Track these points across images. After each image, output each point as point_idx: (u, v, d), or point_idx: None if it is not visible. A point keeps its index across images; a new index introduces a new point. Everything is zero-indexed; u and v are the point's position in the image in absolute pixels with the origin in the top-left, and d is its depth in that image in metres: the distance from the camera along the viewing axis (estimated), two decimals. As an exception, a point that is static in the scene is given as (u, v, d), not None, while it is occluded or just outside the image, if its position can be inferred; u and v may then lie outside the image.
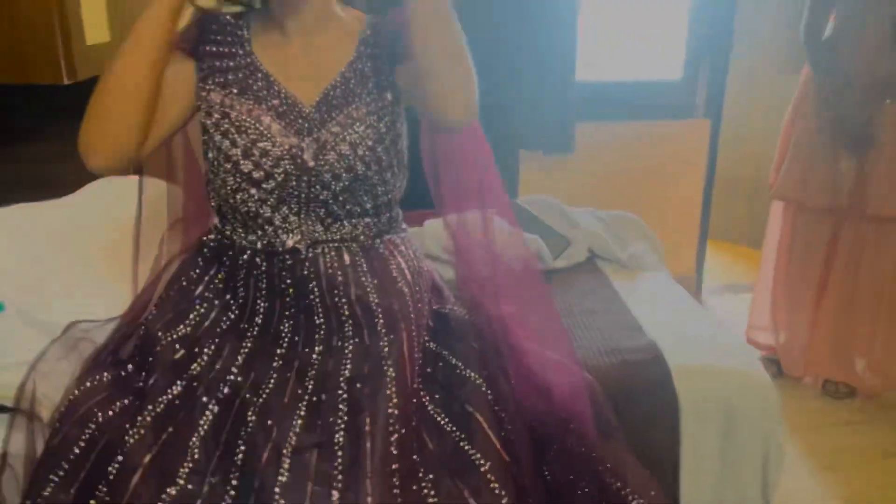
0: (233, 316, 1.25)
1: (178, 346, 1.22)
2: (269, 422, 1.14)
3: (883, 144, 2.22)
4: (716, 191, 3.24)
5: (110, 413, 1.16)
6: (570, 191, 2.82)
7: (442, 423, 1.21)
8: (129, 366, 1.24)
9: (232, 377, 1.19)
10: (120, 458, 1.10)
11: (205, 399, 1.17)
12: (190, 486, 1.07)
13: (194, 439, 1.12)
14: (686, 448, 1.43)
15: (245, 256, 1.23)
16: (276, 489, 1.06)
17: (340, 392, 1.16)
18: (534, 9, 2.64)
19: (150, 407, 1.16)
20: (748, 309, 2.69)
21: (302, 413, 1.15)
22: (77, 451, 1.12)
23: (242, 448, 1.12)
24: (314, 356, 1.21)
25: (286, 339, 1.23)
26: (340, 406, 1.15)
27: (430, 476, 1.12)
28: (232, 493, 1.08)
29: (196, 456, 1.10)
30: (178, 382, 1.19)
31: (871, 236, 2.33)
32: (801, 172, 2.37)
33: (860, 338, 2.42)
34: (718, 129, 3.08)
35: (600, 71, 3.06)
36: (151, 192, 1.35)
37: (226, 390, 1.18)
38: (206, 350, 1.22)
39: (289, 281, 1.21)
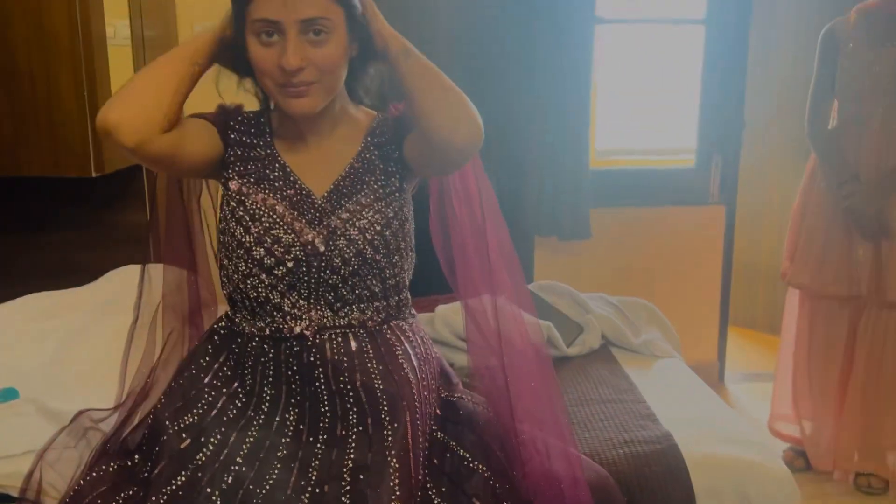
0: (240, 404, 1.26)
1: (184, 434, 1.22)
2: (272, 514, 1.13)
3: None
4: (735, 277, 3.23)
5: (114, 503, 1.16)
6: (586, 277, 2.82)
7: (448, 516, 1.19)
8: (136, 456, 1.25)
9: (236, 467, 1.19)
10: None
11: (209, 490, 1.16)
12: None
13: (196, 531, 1.10)
14: (704, 543, 1.38)
15: (253, 343, 1.25)
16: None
17: (343, 483, 1.15)
18: (546, 98, 2.73)
19: (153, 498, 1.15)
20: (770, 398, 2.62)
21: (305, 505, 1.14)
22: (79, 542, 1.11)
23: (244, 541, 1.10)
24: (318, 445, 1.20)
25: (291, 429, 1.22)
26: (343, 499, 1.13)
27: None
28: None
29: (198, 548, 1.08)
30: (183, 473, 1.18)
31: (892, 324, 2.29)
32: (815, 261, 2.35)
33: (890, 429, 2.34)
34: (734, 215, 3.10)
35: (615, 157, 3.13)
36: (158, 280, 1.37)
37: (230, 481, 1.17)
38: (212, 439, 1.21)
39: (295, 367, 1.22)
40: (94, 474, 1.20)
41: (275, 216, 1.21)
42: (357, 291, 1.24)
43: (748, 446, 1.48)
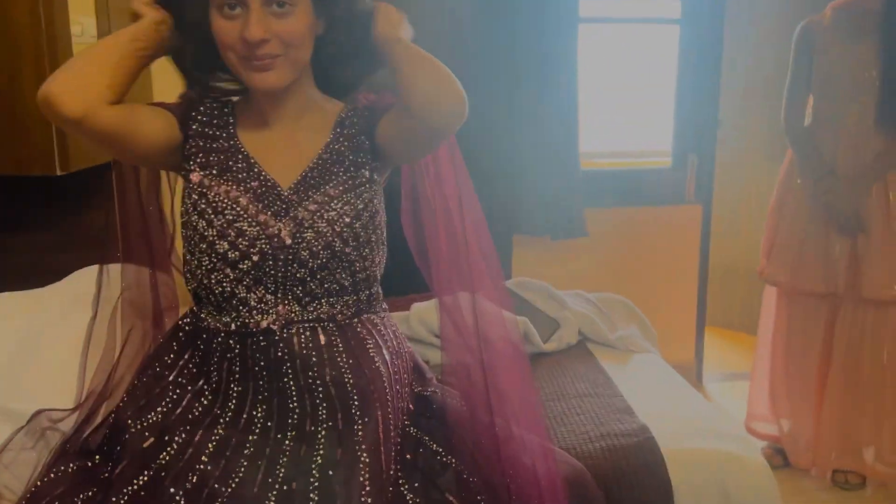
0: (206, 402, 1.22)
1: (147, 433, 1.18)
2: (237, 513, 1.09)
3: (873, 228, 2.23)
4: (713, 277, 3.24)
5: (72, 505, 1.11)
6: (565, 276, 2.81)
7: (421, 512, 1.16)
8: (97, 456, 1.20)
9: (201, 466, 1.15)
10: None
11: (172, 490, 1.12)
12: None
13: (158, 532, 1.06)
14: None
15: (219, 339, 1.21)
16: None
17: (312, 480, 1.11)
18: (535, 99, 2.73)
19: (114, 499, 1.11)
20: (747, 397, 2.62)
21: (272, 503, 1.10)
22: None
23: (208, 541, 1.06)
24: (287, 442, 1.17)
25: (259, 426, 1.19)
26: (312, 495, 1.10)
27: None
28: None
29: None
30: (146, 472, 1.14)
31: (869, 320, 2.29)
32: (792, 258, 2.36)
33: (867, 426, 2.35)
34: (710, 215, 3.11)
35: (598, 160, 3.13)
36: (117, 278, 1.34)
37: (194, 480, 1.13)
38: (176, 438, 1.18)
39: (262, 363, 1.19)
40: (53, 475, 1.16)
41: (238, 208, 1.18)
42: (326, 285, 1.20)
43: (726, 439, 1.47)
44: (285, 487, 1.12)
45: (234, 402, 1.20)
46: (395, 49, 1.16)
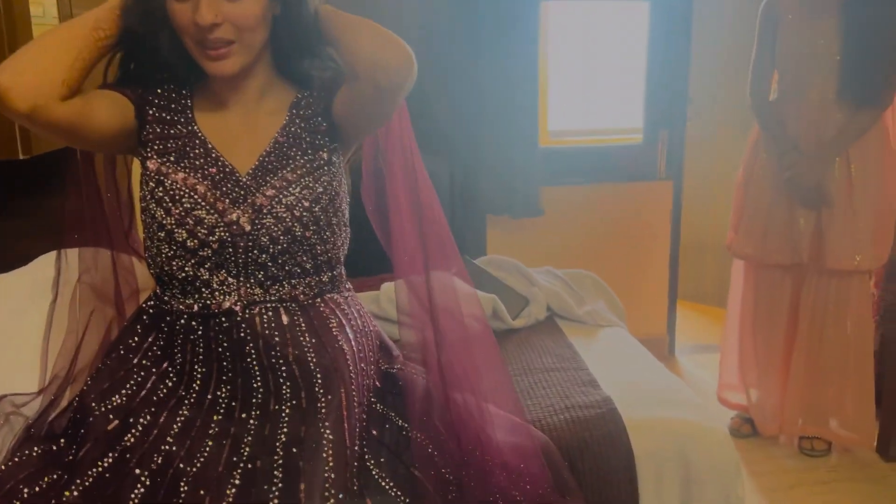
0: (170, 384, 1.22)
1: (111, 416, 1.18)
2: (202, 492, 1.10)
3: (836, 200, 2.26)
4: (684, 252, 3.27)
5: (37, 489, 1.12)
6: (538, 254, 2.83)
7: (386, 487, 1.18)
8: (62, 440, 1.20)
9: (166, 447, 1.15)
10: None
11: (137, 471, 1.12)
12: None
13: (124, 513, 1.07)
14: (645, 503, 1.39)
15: (182, 321, 1.21)
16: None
17: (276, 458, 1.12)
18: (494, 76, 2.71)
19: (78, 481, 1.11)
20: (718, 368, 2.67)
21: (236, 482, 1.11)
22: (-1, 528, 1.07)
23: (173, 520, 1.07)
24: (251, 421, 1.17)
25: (223, 406, 1.19)
26: (276, 472, 1.11)
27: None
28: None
29: (125, 530, 1.05)
30: (110, 454, 1.14)
31: (832, 291, 2.34)
32: (759, 230, 2.40)
33: (832, 393, 2.40)
34: (681, 190, 3.14)
35: (565, 136, 3.13)
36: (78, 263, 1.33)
37: (159, 461, 1.14)
38: (140, 420, 1.18)
39: (225, 344, 1.19)
40: (17, 459, 1.16)
41: (196, 196, 1.17)
42: (287, 268, 1.21)
43: (688, 409, 1.50)
44: (250, 466, 1.13)
45: (197, 383, 1.21)
46: (333, 19, 1.16)
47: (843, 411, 2.40)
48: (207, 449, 1.15)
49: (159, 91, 1.24)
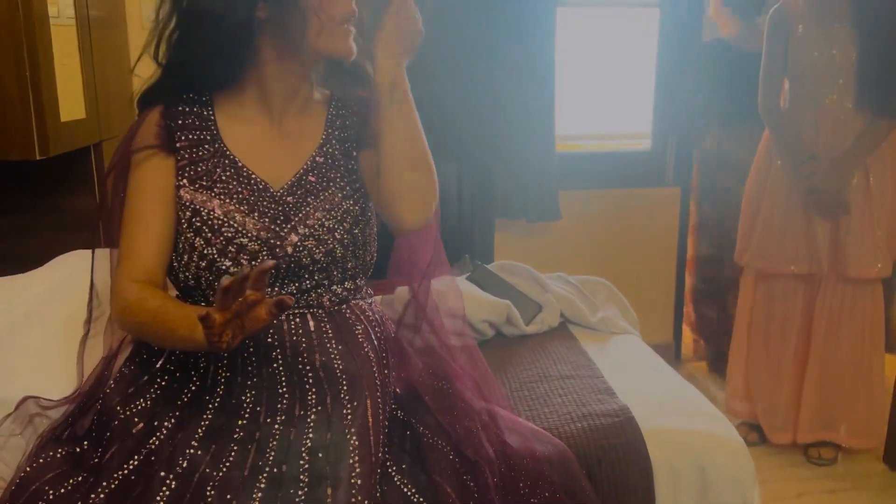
0: (194, 388, 1.23)
1: (136, 419, 1.19)
2: (228, 496, 1.10)
3: (854, 209, 2.26)
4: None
5: (62, 490, 1.12)
6: (547, 259, 2.84)
7: (408, 493, 1.18)
8: (85, 442, 1.21)
9: (192, 451, 1.16)
10: (71, 537, 1.05)
11: (162, 474, 1.13)
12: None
13: (150, 516, 1.07)
14: (662, 514, 1.40)
15: (207, 325, 1.22)
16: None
17: (302, 462, 1.13)
18: (512, 82, 2.73)
19: (104, 483, 1.12)
20: (726, 377, 2.67)
21: (262, 486, 1.12)
22: (26, 531, 1.07)
23: (200, 524, 1.07)
24: (276, 426, 1.18)
25: (248, 411, 1.20)
26: (301, 477, 1.11)
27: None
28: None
29: (152, 533, 1.06)
30: (135, 457, 1.15)
31: (848, 299, 2.34)
32: (774, 241, 2.38)
33: (845, 401, 2.40)
34: (689, 197, 3.14)
35: (576, 142, 3.14)
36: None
37: (185, 464, 1.14)
38: (165, 423, 1.18)
39: (251, 349, 1.20)
40: (42, 461, 1.16)
41: (235, 224, 1.18)
42: (317, 278, 1.23)
43: (703, 419, 1.51)
44: (275, 470, 1.13)
45: (222, 387, 1.21)
46: (392, 113, 1.17)
47: (856, 416, 2.40)
48: (233, 453, 1.15)
49: (180, 108, 1.23)
